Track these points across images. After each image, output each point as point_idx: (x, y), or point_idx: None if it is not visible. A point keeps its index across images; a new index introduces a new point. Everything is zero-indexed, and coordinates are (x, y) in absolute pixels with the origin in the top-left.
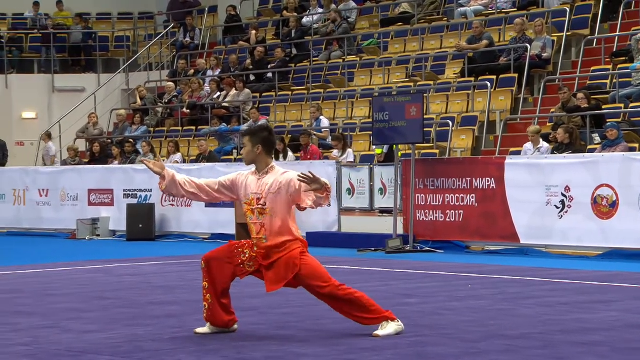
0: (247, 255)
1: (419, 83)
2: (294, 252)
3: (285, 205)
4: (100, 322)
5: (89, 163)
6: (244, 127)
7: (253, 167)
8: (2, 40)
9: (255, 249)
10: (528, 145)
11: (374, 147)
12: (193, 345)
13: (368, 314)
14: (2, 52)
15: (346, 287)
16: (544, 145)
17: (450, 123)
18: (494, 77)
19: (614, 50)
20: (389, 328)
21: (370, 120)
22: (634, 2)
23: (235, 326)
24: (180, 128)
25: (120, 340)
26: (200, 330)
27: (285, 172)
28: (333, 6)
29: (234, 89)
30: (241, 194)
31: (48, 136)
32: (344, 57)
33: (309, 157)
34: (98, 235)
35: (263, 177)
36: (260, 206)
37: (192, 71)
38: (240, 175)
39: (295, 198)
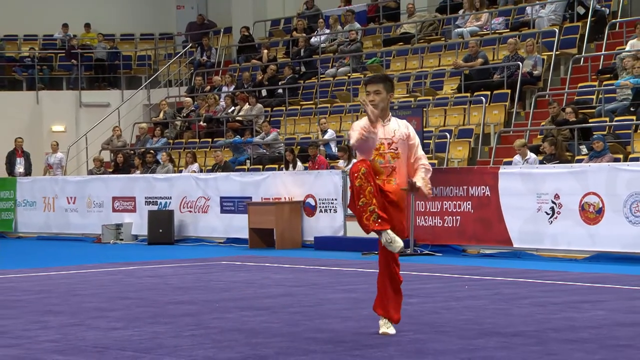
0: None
1: (419, 98)
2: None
3: (408, 153)
4: (123, 320)
5: (113, 172)
6: (257, 139)
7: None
8: (34, 59)
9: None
10: (517, 158)
11: None
12: (209, 342)
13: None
14: (33, 70)
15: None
16: (531, 156)
17: (448, 135)
18: (489, 92)
19: (600, 68)
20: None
21: None
22: (617, 24)
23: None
24: (197, 140)
25: (142, 337)
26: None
27: (400, 123)
28: (339, 27)
29: (247, 103)
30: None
31: (55, 145)
32: (349, 74)
33: (316, 166)
34: (121, 240)
35: (387, 124)
36: (392, 150)
37: (208, 87)
38: (366, 128)
39: (409, 155)
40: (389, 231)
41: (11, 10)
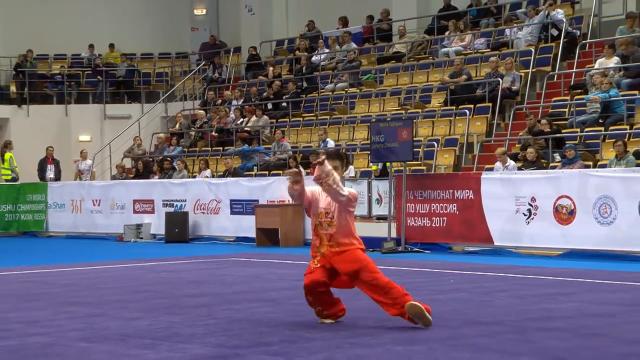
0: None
1: (409, 111)
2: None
3: (345, 214)
4: (142, 310)
5: (134, 178)
6: (263, 147)
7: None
8: (63, 76)
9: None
10: (498, 164)
11: (372, 164)
12: (220, 330)
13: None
14: (62, 86)
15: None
16: (510, 163)
17: (436, 144)
18: (472, 106)
19: (572, 84)
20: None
21: (369, 141)
22: (587, 44)
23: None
24: (209, 148)
25: (160, 327)
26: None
27: None
28: (337, 46)
29: (254, 115)
30: (313, 206)
31: (84, 154)
32: (346, 89)
33: None
34: (141, 238)
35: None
36: (328, 219)
37: (219, 101)
38: (315, 190)
39: (347, 215)
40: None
41: (43, 32)
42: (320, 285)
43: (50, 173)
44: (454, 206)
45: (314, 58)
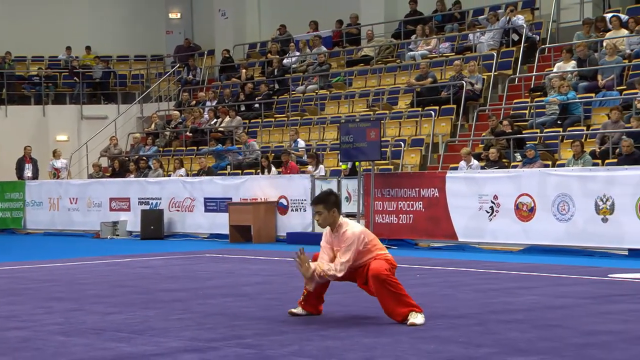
0: None
1: (377, 112)
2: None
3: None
4: (119, 305)
5: (110, 176)
6: (236, 147)
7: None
8: (41, 78)
9: None
10: (462, 163)
11: (341, 163)
12: (195, 324)
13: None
14: (40, 87)
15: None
16: (474, 162)
17: (402, 144)
18: (437, 107)
19: (532, 86)
20: (418, 318)
21: (338, 141)
22: (547, 49)
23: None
24: (184, 148)
25: (136, 321)
26: (293, 310)
27: (345, 231)
28: (307, 50)
29: (227, 116)
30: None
31: (58, 153)
32: (317, 91)
33: (288, 171)
34: (117, 235)
35: (336, 234)
36: None
37: (193, 102)
38: (325, 236)
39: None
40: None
41: (21, 34)
42: None
43: (28, 172)
44: (420, 204)
45: (285, 61)
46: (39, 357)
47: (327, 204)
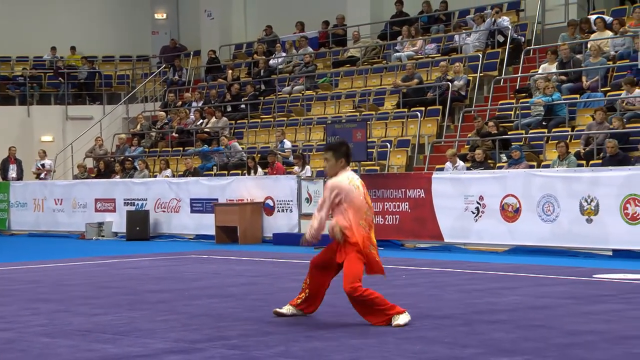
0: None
1: (363, 113)
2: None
3: (344, 204)
4: (105, 306)
5: (95, 177)
6: (222, 148)
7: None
8: (25, 78)
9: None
10: (448, 164)
11: None
12: (180, 325)
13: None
14: (24, 88)
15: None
16: (460, 163)
17: (389, 145)
18: (423, 108)
19: (517, 88)
20: (401, 319)
21: (325, 142)
22: (532, 50)
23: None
24: (170, 149)
25: (122, 322)
26: (279, 310)
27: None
28: (294, 50)
29: (214, 117)
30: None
31: (44, 153)
32: (303, 92)
33: (274, 172)
34: (103, 236)
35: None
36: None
37: (179, 103)
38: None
39: (341, 202)
40: None
41: (5, 34)
42: None
43: (12, 172)
44: (406, 204)
45: (271, 62)
46: (23, 358)
47: (336, 152)
